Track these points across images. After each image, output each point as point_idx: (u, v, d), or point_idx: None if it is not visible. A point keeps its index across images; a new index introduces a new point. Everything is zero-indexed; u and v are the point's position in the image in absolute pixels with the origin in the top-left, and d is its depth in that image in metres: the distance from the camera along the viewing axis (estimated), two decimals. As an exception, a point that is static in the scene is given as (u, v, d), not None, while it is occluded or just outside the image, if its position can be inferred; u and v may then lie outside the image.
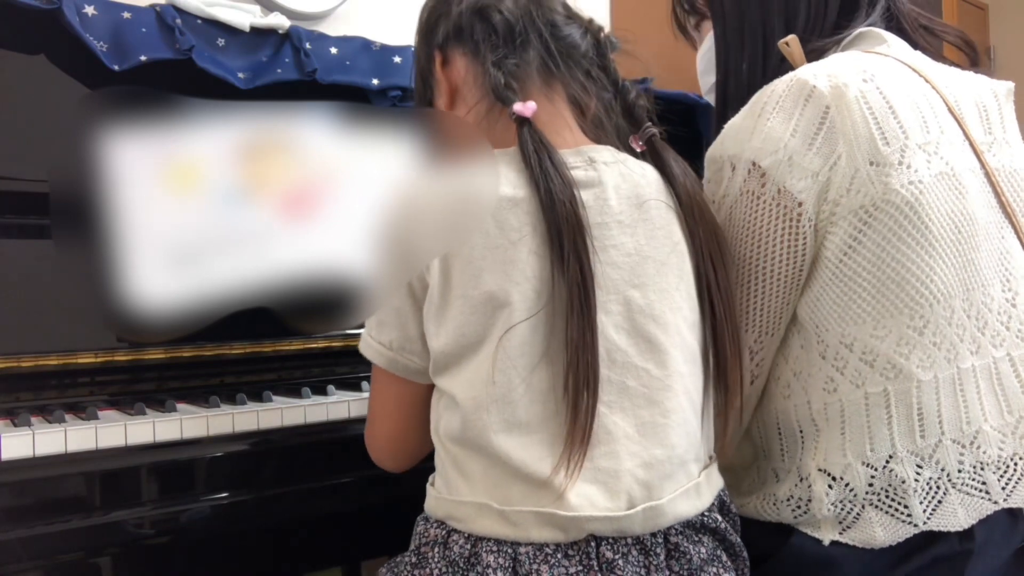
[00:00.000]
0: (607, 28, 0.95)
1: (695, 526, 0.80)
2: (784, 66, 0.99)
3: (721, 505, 0.85)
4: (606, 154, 0.86)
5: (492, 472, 0.77)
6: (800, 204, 0.88)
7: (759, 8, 1.04)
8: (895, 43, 0.98)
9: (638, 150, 0.90)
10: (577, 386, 0.75)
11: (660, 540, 0.77)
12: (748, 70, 1.05)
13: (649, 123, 0.91)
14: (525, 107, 0.83)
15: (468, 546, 0.76)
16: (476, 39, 0.88)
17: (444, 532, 0.79)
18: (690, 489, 0.80)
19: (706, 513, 0.81)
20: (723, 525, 0.82)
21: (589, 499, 0.75)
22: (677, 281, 0.83)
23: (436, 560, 0.77)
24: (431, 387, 0.87)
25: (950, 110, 0.93)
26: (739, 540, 0.84)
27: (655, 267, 0.82)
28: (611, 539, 0.76)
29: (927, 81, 0.93)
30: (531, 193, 0.79)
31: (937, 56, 1.02)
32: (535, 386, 0.77)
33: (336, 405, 1.09)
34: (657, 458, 0.78)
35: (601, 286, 0.79)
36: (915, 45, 1.01)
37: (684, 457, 0.80)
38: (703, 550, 0.79)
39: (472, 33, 0.89)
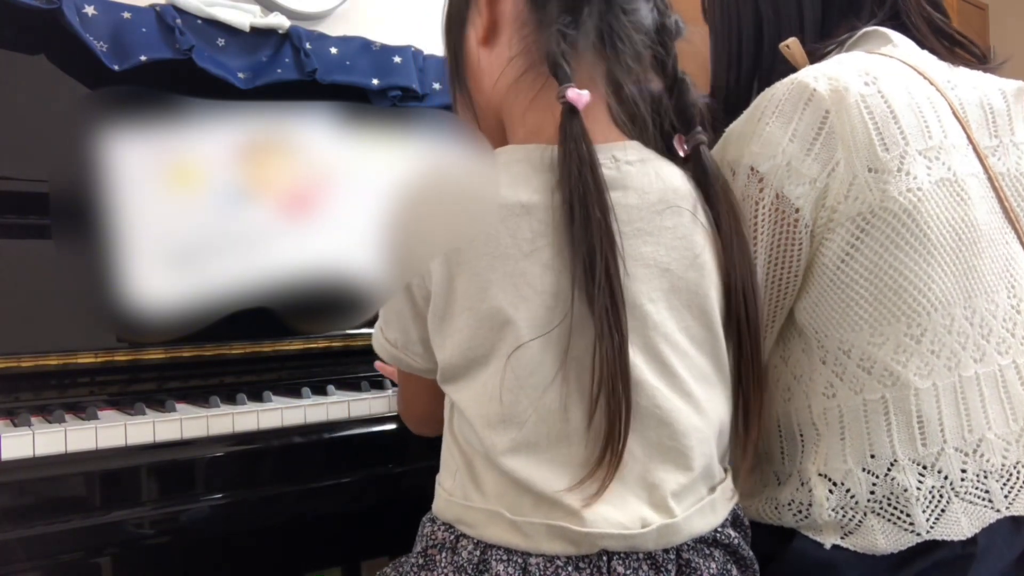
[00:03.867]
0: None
1: (707, 541, 0.78)
2: (766, 71, 1.00)
3: (735, 519, 0.83)
4: (631, 153, 0.79)
5: (503, 482, 0.75)
6: (797, 210, 0.87)
7: (736, 16, 1.05)
8: (902, 43, 0.97)
9: (681, 154, 0.83)
10: (611, 417, 0.72)
11: (672, 556, 0.75)
12: (728, 78, 1.06)
13: (700, 128, 0.83)
14: (579, 96, 0.74)
15: (477, 553, 0.74)
16: None
17: (453, 536, 0.77)
18: (705, 506, 0.78)
19: (719, 529, 0.79)
20: (735, 540, 0.80)
21: (603, 516, 0.73)
22: (690, 298, 0.78)
23: (444, 565, 0.76)
24: None
25: (954, 113, 0.92)
26: (751, 553, 0.82)
27: (670, 282, 0.77)
28: (623, 554, 0.73)
29: (932, 84, 0.93)
30: (548, 200, 0.74)
31: (945, 56, 1.01)
32: (545, 406, 0.74)
33: (336, 405, 1.09)
34: (661, 479, 0.75)
35: None
36: (922, 45, 1.00)
37: (694, 477, 0.77)
38: (714, 565, 0.77)
39: None
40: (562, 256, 0.74)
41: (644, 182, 0.78)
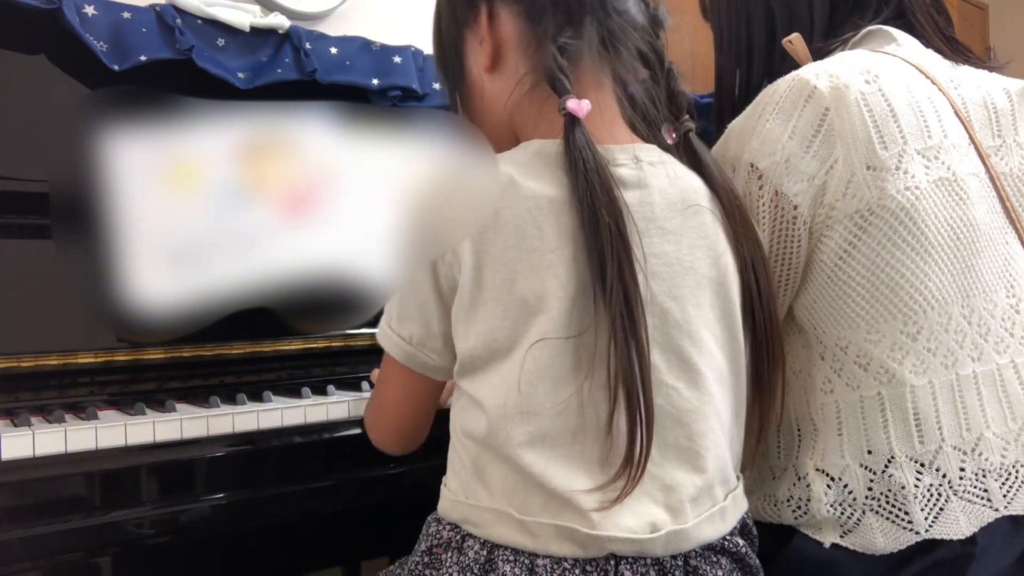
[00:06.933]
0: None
1: (715, 548, 0.78)
2: (777, 68, 1.00)
3: (743, 527, 0.82)
4: (653, 154, 0.81)
5: (512, 479, 0.74)
6: (795, 207, 0.88)
7: (745, 14, 1.05)
8: (906, 42, 0.97)
9: (670, 141, 0.84)
10: (632, 425, 0.71)
11: (679, 563, 0.75)
12: (739, 75, 1.06)
13: (688, 115, 0.84)
14: (580, 106, 0.75)
15: (484, 552, 0.74)
16: (540, 4, 0.80)
17: (459, 536, 0.76)
18: (715, 513, 0.78)
19: (727, 537, 0.79)
20: (743, 548, 0.80)
21: (613, 519, 0.73)
22: (713, 297, 0.79)
23: (450, 564, 0.75)
24: (443, 383, 0.86)
25: (957, 113, 0.92)
26: (757, 562, 0.82)
27: (694, 280, 0.78)
28: (631, 559, 0.73)
29: (934, 83, 0.93)
30: (572, 195, 0.74)
31: (949, 55, 1.01)
32: (563, 399, 0.73)
33: (336, 405, 1.09)
34: (678, 482, 0.75)
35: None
36: (927, 44, 1.00)
37: (711, 480, 0.77)
38: (720, 572, 0.77)
39: None
40: (584, 252, 0.74)
41: (665, 182, 0.79)
